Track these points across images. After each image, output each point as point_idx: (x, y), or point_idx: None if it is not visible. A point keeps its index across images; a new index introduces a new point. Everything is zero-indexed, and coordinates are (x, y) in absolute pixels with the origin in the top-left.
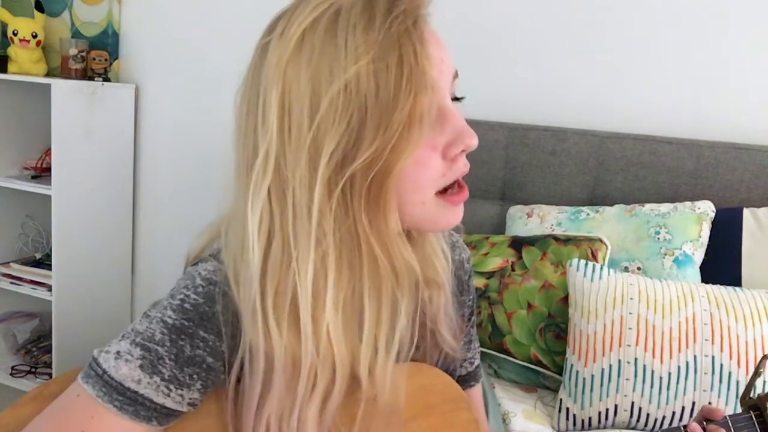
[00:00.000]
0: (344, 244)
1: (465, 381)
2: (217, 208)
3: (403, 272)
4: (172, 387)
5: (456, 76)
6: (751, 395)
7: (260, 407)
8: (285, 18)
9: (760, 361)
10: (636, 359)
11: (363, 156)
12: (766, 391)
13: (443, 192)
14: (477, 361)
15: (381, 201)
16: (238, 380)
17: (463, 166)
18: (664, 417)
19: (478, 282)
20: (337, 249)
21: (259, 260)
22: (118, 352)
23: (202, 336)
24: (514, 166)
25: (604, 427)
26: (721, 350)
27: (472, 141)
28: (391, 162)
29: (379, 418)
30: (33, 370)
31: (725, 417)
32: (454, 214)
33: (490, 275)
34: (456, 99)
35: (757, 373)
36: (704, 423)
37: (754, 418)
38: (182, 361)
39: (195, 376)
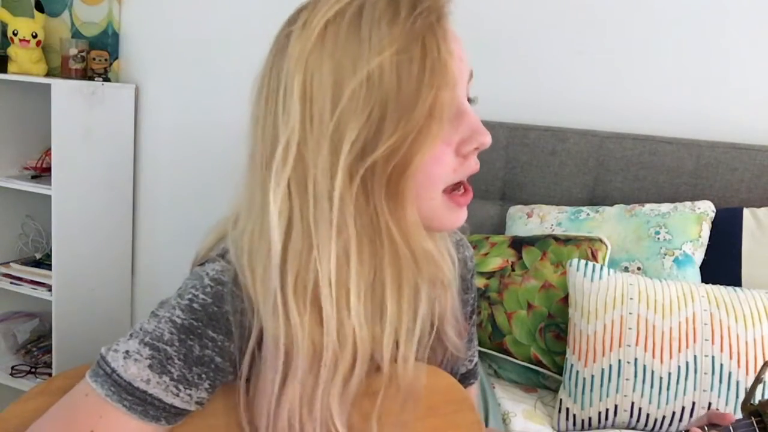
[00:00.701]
0: (365, 233)
1: (465, 379)
2: (224, 207)
3: (422, 260)
4: (181, 387)
5: (471, 76)
6: (753, 401)
7: (281, 395)
8: (308, 10)
9: (762, 368)
10: (636, 359)
11: (383, 147)
12: (767, 398)
13: (450, 192)
14: (475, 359)
15: (400, 192)
16: (247, 378)
17: (474, 164)
18: (664, 417)
19: (478, 282)
20: (358, 237)
21: (280, 249)
22: (127, 352)
23: (211, 336)
24: (514, 166)
25: (604, 427)
26: (721, 350)
27: (486, 139)
28: (411, 154)
29: (396, 403)
30: (33, 370)
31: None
32: (458, 215)
33: (490, 275)
34: (469, 100)
35: (758, 380)
36: (706, 428)
37: (755, 425)
38: (191, 361)
39: (203, 375)
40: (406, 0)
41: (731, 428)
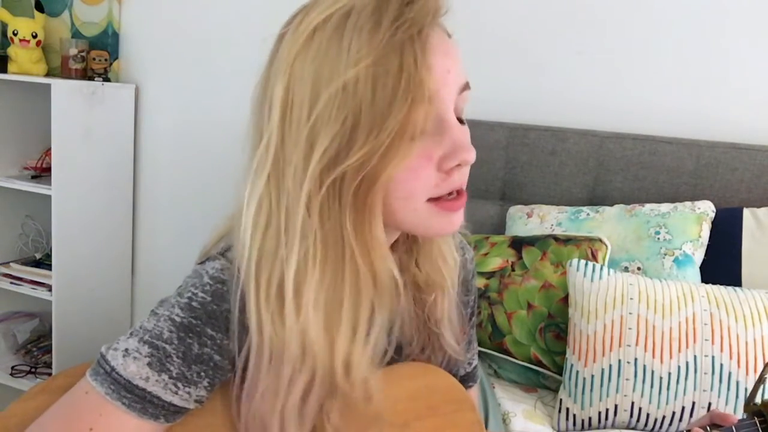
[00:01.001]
0: (329, 243)
1: (463, 381)
2: (224, 207)
3: (383, 283)
4: (179, 385)
5: (466, 88)
6: (755, 402)
7: (250, 398)
8: (303, 12)
9: (765, 368)
10: (636, 359)
11: (354, 158)
12: None
13: (437, 199)
14: (475, 362)
15: (367, 205)
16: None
17: (458, 180)
18: (664, 417)
19: (478, 282)
20: (322, 246)
21: (257, 247)
22: (126, 350)
23: (210, 334)
24: (514, 166)
25: (604, 427)
26: (721, 350)
27: (469, 156)
28: (380, 168)
29: (360, 416)
30: (33, 370)
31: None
32: (450, 220)
33: (490, 275)
34: (460, 121)
35: (761, 380)
36: (708, 428)
37: (758, 425)
38: (190, 359)
39: (202, 373)
40: (391, 9)
41: (734, 429)
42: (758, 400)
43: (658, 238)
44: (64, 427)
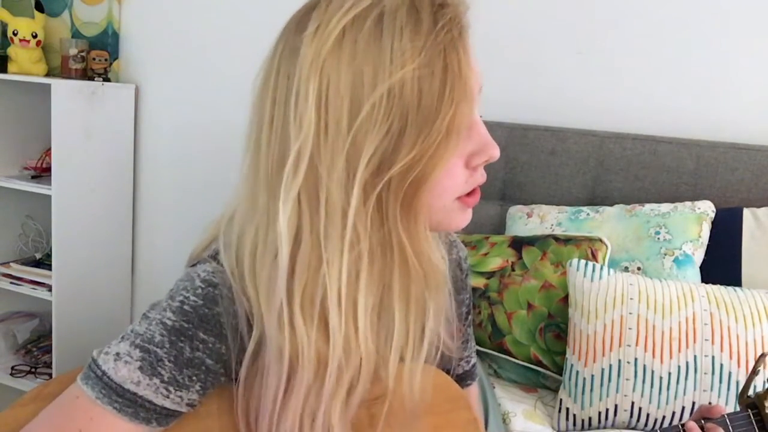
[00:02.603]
0: (377, 248)
1: (462, 380)
2: (219, 208)
3: (431, 274)
4: (171, 388)
5: (481, 88)
6: (749, 394)
7: (284, 406)
8: (320, 11)
9: (758, 360)
10: (636, 359)
11: (401, 162)
12: (763, 390)
13: (461, 196)
14: (473, 360)
15: (415, 206)
16: (237, 379)
17: (480, 177)
18: (664, 417)
19: (478, 282)
20: (370, 252)
21: (287, 260)
22: (117, 354)
23: (202, 338)
24: (514, 166)
25: (604, 427)
26: (721, 350)
27: (496, 152)
28: (428, 169)
29: (400, 417)
30: (33, 370)
31: (723, 415)
32: (467, 215)
33: (490, 275)
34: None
35: (755, 372)
36: (702, 421)
37: (751, 417)
38: (182, 363)
39: (194, 377)
40: (427, 11)
41: (728, 421)
42: (751, 392)
43: (658, 238)
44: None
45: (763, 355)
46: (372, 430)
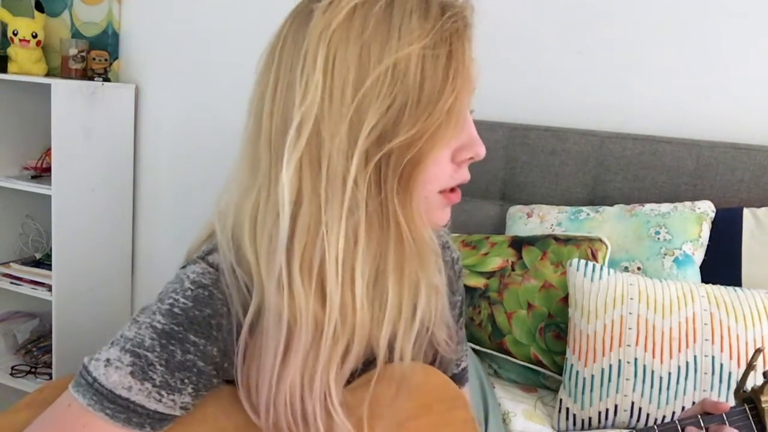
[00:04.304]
0: (375, 217)
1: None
2: (213, 204)
3: (424, 253)
4: (163, 392)
5: (474, 89)
6: (745, 389)
7: (282, 370)
8: None
9: (754, 354)
10: (636, 359)
11: (401, 138)
12: (759, 384)
13: (443, 191)
14: (464, 364)
15: (411, 185)
16: (228, 381)
17: (465, 174)
18: (664, 417)
19: (478, 282)
20: (368, 220)
21: (288, 223)
22: (108, 360)
23: (193, 340)
24: (514, 166)
25: (604, 427)
26: (721, 350)
27: (482, 150)
28: (425, 150)
29: (390, 393)
30: (33, 370)
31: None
32: (447, 213)
33: (490, 275)
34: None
35: (750, 366)
36: (699, 417)
37: (747, 411)
38: (173, 366)
39: (186, 380)
40: (437, 3)
41: (725, 416)
42: (748, 387)
43: (658, 238)
44: None
45: (758, 350)
46: (358, 410)
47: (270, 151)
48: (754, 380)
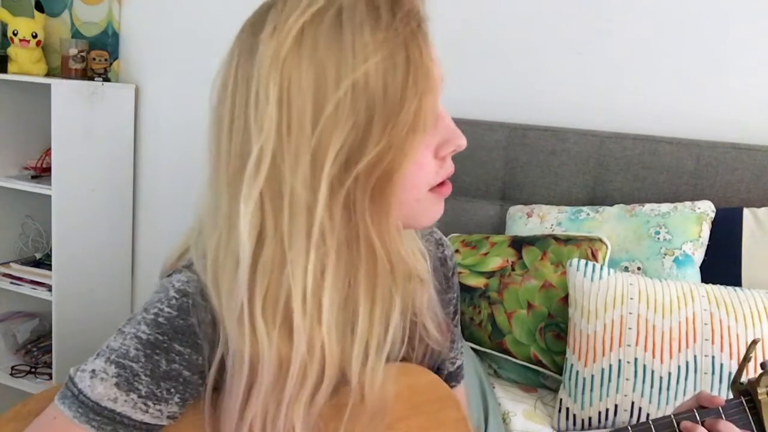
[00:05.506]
0: (345, 244)
1: (447, 381)
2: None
3: (398, 268)
4: (149, 403)
5: (443, 78)
6: (741, 381)
7: (244, 410)
8: (275, 11)
9: (750, 346)
10: (636, 359)
11: (368, 156)
12: (755, 377)
13: (433, 187)
14: (459, 362)
15: (384, 200)
16: (216, 389)
17: (450, 166)
18: None
19: (478, 282)
20: (337, 249)
21: (249, 262)
22: (93, 371)
23: (178, 350)
24: (514, 166)
25: (604, 427)
26: (721, 350)
27: (462, 141)
28: (397, 162)
29: (364, 417)
30: (33, 370)
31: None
32: (440, 207)
33: (490, 275)
34: None
35: (747, 359)
36: (695, 410)
37: (744, 404)
38: (158, 377)
39: (172, 390)
40: (385, 5)
41: (721, 409)
42: (744, 379)
43: (658, 238)
44: None
45: (754, 342)
46: (336, 425)
47: (229, 191)
48: (753, 372)
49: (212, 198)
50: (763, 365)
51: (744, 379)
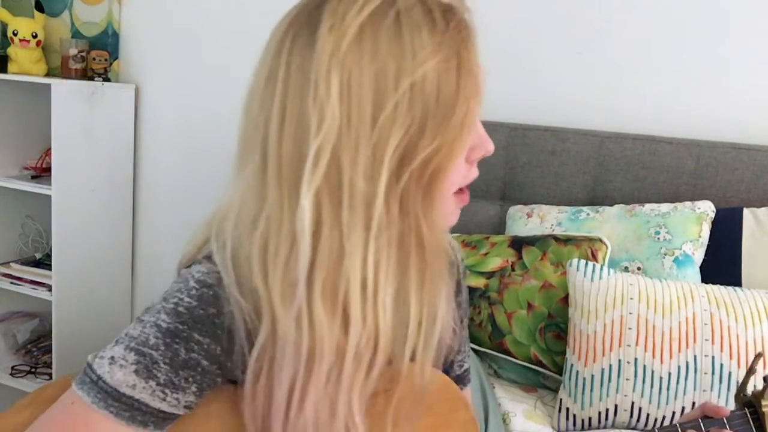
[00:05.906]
0: (399, 236)
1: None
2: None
3: (442, 259)
4: (167, 391)
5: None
6: (745, 393)
7: (302, 401)
8: (331, 7)
9: (754, 359)
10: (636, 359)
11: (422, 153)
12: (760, 389)
13: (457, 191)
14: (466, 365)
15: (433, 196)
16: (233, 381)
17: (475, 171)
18: (664, 417)
19: (478, 282)
20: (393, 242)
21: (309, 255)
22: (112, 358)
23: (197, 339)
24: (514, 166)
25: (604, 427)
26: (721, 350)
27: (491, 146)
28: (445, 161)
29: (408, 403)
30: (33, 370)
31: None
32: (457, 215)
33: (490, 275)
34: None
35: (751, 371)
36: (700, 421)
37: (748, 415)
38: (177, 365)
39: (190, 379)
40: (438, 12)
41: (725, 420)
42: (749, 391)
43: (658, 238)
44: None
45: (759, 355)
46: (379, 423)
47: (280, 182)
48: (754, 384)
49: (255, 192)
50: (765, 378)
51: (748, 391)
